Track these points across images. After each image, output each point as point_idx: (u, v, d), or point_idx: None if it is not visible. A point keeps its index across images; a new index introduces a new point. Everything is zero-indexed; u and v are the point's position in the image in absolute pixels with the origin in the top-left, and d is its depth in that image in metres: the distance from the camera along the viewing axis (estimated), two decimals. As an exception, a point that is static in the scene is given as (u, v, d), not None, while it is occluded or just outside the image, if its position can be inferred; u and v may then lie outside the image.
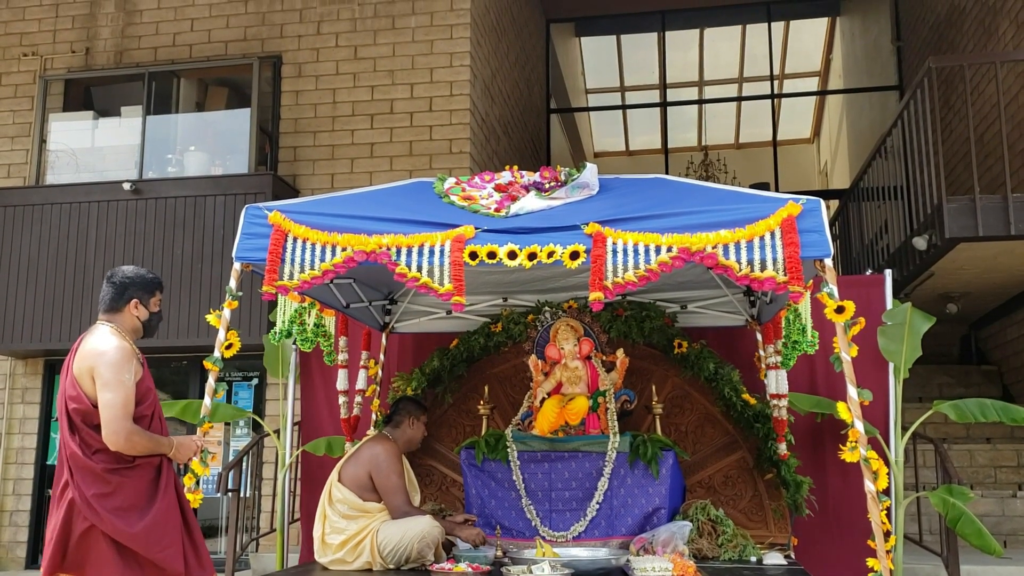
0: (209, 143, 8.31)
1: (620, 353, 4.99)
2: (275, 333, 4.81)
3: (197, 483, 3.85)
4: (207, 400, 4.04)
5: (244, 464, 6.26)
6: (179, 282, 7.51)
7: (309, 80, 8.26)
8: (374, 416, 5.43)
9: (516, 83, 10.21)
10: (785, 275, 3.48)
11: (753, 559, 4.55)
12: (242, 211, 4.00)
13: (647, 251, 3.59)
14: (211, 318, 4.01)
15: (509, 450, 4.84)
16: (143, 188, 7.75)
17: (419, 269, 3.71)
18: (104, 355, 3.40)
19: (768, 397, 4.90)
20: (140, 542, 3.34)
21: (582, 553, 4.46)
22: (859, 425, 3.55)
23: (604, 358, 5.06)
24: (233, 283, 3.95)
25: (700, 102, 14.11)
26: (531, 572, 3.97)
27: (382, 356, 5.54)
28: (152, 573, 3.38)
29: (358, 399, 5.37)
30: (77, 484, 3.34)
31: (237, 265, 3.94)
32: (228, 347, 3.99)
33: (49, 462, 8.09)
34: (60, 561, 3.33)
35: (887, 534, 3.56)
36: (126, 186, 7.71)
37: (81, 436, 3.39)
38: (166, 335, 7.38)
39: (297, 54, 8.33)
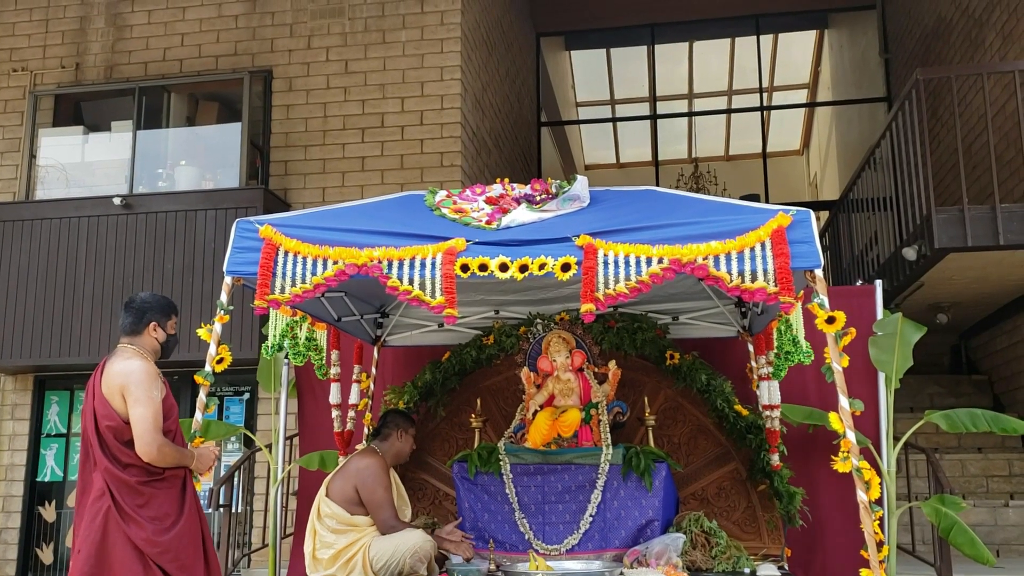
0: (200, 157, 8.29)
1: (612, 365, 4.98)
2: (267, 347, 4.80)
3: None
4: (198, 415, 4.03)
5: (236, 479, 6.23)
6: (170, 297, 7.47)
7: (300, 94, 8.27)
8: (366, 430, 5.42)
9: (507, 96, 10.24)
10: (776, 286, 3.49)
11: (747, 570, 4.54)
12: (233, 225, 3.99)
13: (638, 263, 3.59)
14: (202, 332, 4.00)
15: (502, 463, 4.83)
16: (134, 203, 7.74)
17: (411, 282, 3.71)
18: (132, 375, 3.66)
19: (760, 408, 4.90)
20: (167, 553, 3.55)
21: (576, 566, 4.45)
22: (851, 435, 3.55)
23: (596, 370, 5.05)
24: (224, 297, 3.94)
25: (690, 114, 14.18)
26: (524, 585, 3.96)
27: (374, 369, 5.53)
28: None
29: (351, 413, 5.36)
30: (115, 496, 3.56)
31: (228, 279, 3.93)
32: (219, 361, 3.98)
33: (39, 479, 8.04)
34: (93, 565, 3.50)
35: (880, 544, 3.56)
36: (116, 201, 7.70)
37: (112, 452, 3.62)
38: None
39: (288, 68, 8.34)
